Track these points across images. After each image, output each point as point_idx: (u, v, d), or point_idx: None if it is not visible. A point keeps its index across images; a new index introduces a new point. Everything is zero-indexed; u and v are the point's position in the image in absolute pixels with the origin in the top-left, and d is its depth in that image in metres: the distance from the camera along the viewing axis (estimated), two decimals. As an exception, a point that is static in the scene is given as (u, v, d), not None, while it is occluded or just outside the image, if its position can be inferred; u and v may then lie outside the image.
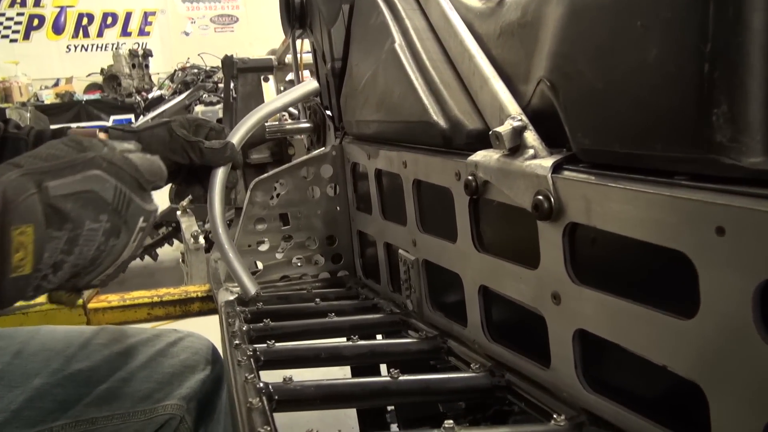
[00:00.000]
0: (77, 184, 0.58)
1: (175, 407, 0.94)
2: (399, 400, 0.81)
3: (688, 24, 0.43)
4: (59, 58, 8.17)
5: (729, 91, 0.41)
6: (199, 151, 0.97)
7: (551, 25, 0.61)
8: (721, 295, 0.40)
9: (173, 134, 0.96)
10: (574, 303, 0.56)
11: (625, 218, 0.48)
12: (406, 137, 0.94)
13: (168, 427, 0.94)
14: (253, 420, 0.55)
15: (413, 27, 1.01)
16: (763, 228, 0.37)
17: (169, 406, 0.94)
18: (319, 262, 1.28)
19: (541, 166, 0.59)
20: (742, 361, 0.39)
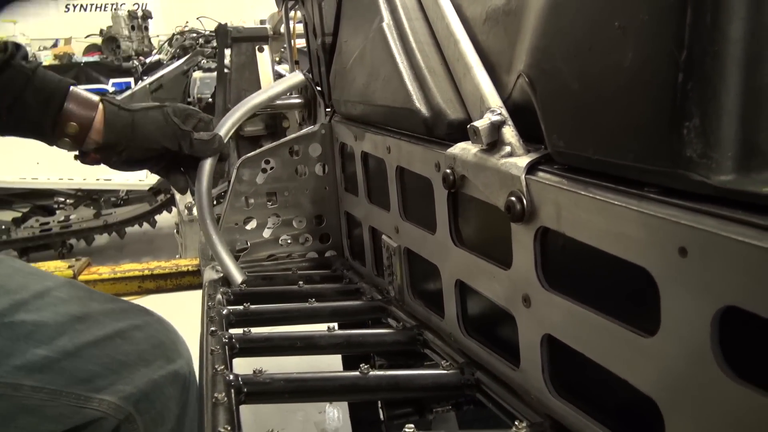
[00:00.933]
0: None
1: (112, 407, 0.84)
2: (368, 396, 0.81)
3: (664, 29, 0.41)
4: (58, 17, 8.05)
5: (702, 103, 0.39)
6: (189, 142, 0.99)
7: (533, 17, 0.58)
8: (681, 317, 0.39)
9: (168, 119, 0.97)
10: (543, 307, 0.55)
11: (592, 228, 0.47)
12: (390, 122, 0.92)
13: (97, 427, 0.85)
14: (217, 418, 0.54)
15: (402, 5, 0.98)
16: (726, 253, 0.35)
17: (105, 403, 0.84)
18: (307, 241, 1.27)
19: (516, 165, 0.57)
20: (697, 386, 0.38)
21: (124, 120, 0.94)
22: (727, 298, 0.36)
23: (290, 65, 1.66)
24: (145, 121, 0.96)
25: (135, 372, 0.86)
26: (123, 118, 0.95)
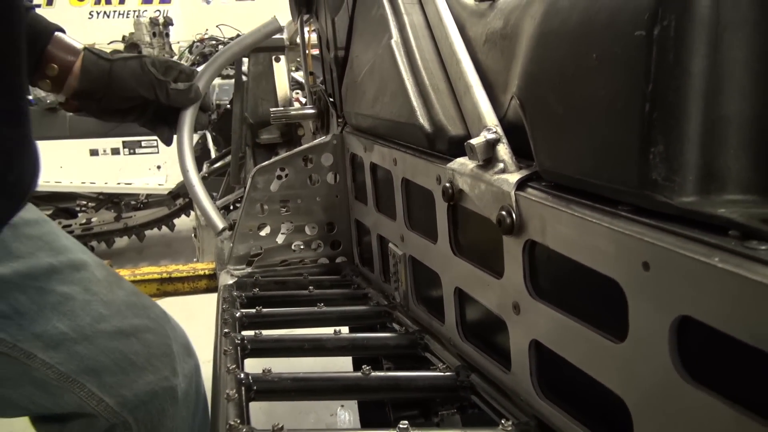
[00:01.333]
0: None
1: (108, 410, 0.83)
2: (369, 395, 0.85)
3: (633, 63, 0.45)
4: (81, 24, 8.23)
5: (666, 131, 0.43)
6: (165, 91, 1.01)
7: (525, 43, 0.63)
8: (645, 325, 0.43)
9: (144, 69, 1.00)
10: (531, 315, 0.59)
11: (571, 241, 0.51)
12: (397, 135, 0.96)
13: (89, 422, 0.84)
14: (228, 412, 0.59)
15: (410, 23, 1.02)
16: (683, 268, 0.39)
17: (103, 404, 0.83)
18: (319, 247, 1.32)
19: (507, 181, 0.61)
20: (659, 388, 0.42)
21: (101, 68, 0.96)
22: (682, 309, 0.39)
23: (305, 76, 1.71)
24: (123, 70, 0.97)
25: (141, 376, 0.86)
26: (101, 66, 0.96)
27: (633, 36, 0.44)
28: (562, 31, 0.54)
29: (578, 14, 0.51)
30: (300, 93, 2.49)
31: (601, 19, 0.48)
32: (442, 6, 0.95)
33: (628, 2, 0.45)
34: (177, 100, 1.03)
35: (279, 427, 0.56)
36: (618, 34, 0.46)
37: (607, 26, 0.47)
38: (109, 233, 4.24)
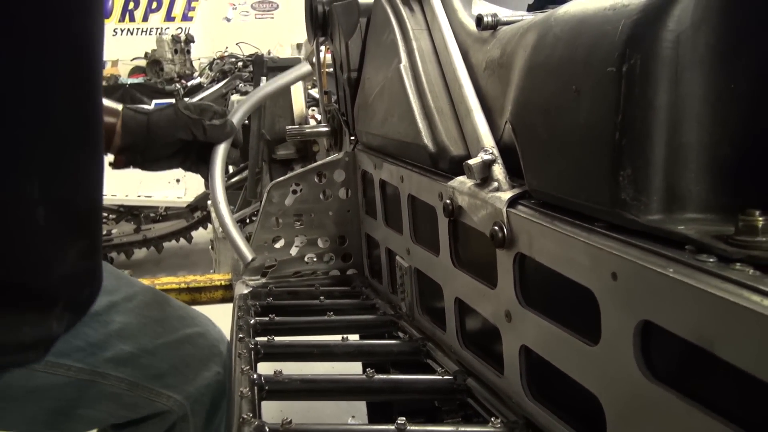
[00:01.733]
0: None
1: (176, 403, 0.96)
2: (372, 396, 0.90)
3: (605, 96, 0.50)
4: (106, 41, 8.44)
5: (633, 157, 0.48)
6: (201, 129, 1.10)
7: (517, 73, 0.68)
8: (614, 329, 0.48)
9: (179, 113, 1.08)
10: (521, 322, 0.64)
11: (553, 254, 0.56)
12: (403, 154, 1.02)
13: (163, 420, 0.96)
14: (241, 407, 0.65)
15: (418, 48, 1.08)
16: (645, 278, 0.44)
17: (172, 399, 0.95)
18: (331, 260, 1.38)
19: (500, 199, 0.67)
20: (626, 386, 0.47)
21: (140, 121, 1.04)
22: (644, 314, 0.45)
23: (320, 95, 1.79)
24: (159, 119, 1.06)
25: (197, 374, 0.98)
26: (139, 120, 1.05)
27: (605, 71, 0.50)
28: (547, 64, 0.60)
29: (561, 49, 0.57)
30: (316, 110, 2.57)
31: (579, 55, 0.54)
32: (448, 33, 1.01)
33: (602, 41, 0.51)
34: (213, 135, 1.11)
35: (288, 421, 0.61)
36: (593, 69, 0.51)
37: (584, 62, 0.53)
38: (128, 245, 4.34)
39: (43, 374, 0.86)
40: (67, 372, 0.88)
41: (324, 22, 1.56)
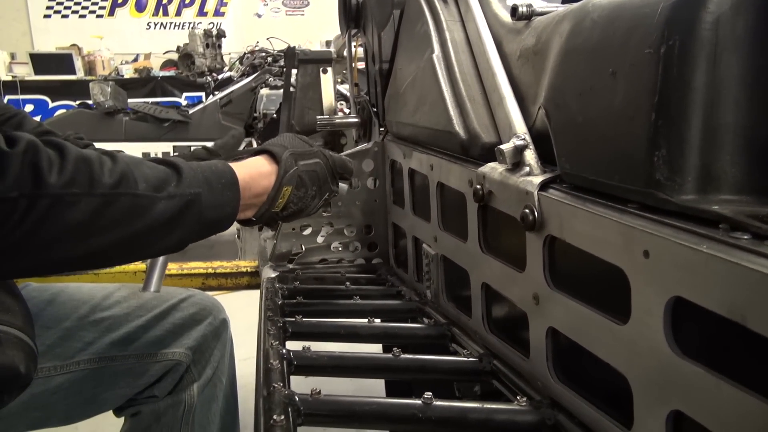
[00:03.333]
0: (311, 166, 0.90)
1: (182, 355, 1.09)
2: (398, 375, 0.91)
3: (643, 76, 0.51)
4: (140, 34, 8.61)
5: (668, 137, 0.49)
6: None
7: (552, 59, 0.69)
8: (644, 307, 0.48)
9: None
10: (549, 304, 0.65)
11: (584, 235, 0.57)
12: (434, 143, 1.03)
13: (175, 371, 1.10)
14: (270, 378, 0.67)
15: (451, 39, 1.09)
16: (676, 254, 0.45)
17: (177, 353, 1.08)
18: (357, 249, 1.39)
19: (532, 183, 0.67)
20: (655, 362, 0.47)
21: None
22: (675, 291, 0.45)
23: (350, 87, 1.80)
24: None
25: (191, 330, 1.11)
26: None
27: (643, 53, 0.50)
28: (584, 47, 0.60)
29: (598, 33, 0.58)
30: (344, 104, 2.59)
31: (617, 37, 0.54)
32: (482, 24, 1.01)
33: (640, 24, 0.51)
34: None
35: (317, 391, 0.63)
36: (630, 51, 0.52)
37: (622, 44, 0.53)
38: (156, 233, 4.40)
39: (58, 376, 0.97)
40: (78, 366, 0.99)
41: (357, 14, 1.58)
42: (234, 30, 8.58)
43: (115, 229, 0.65)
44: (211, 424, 1.17)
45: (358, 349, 0.90)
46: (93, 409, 1.09)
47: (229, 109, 4.22)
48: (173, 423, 1.13)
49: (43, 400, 0.98)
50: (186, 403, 1.13)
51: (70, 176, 0.61)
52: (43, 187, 0.59)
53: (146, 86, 6.78)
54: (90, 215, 0.62)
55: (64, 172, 0.61)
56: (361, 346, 1.00)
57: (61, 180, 0.61)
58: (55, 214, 0.60)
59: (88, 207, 0.62)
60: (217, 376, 1.18)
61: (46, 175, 0.60)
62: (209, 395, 1.16)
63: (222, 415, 1.19)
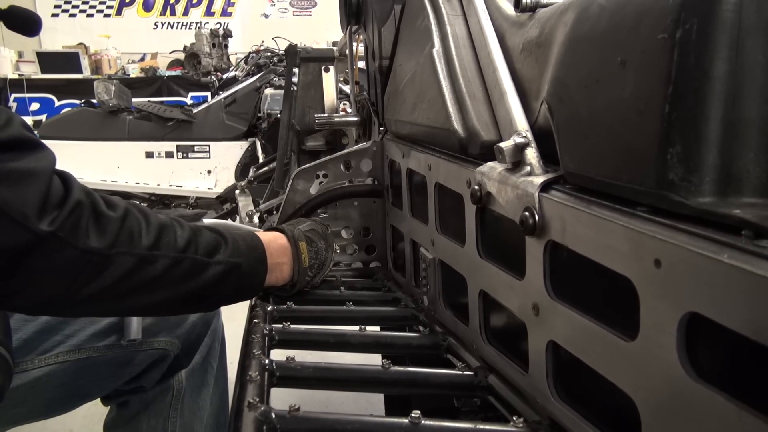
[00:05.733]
0: (308, 227, 1.06)
1: (169, 343, 1.08)
2: (387, 389, 0.86)
3: (656, 65, 0.45)
4: (147, 34, 8.60)
5: (684, 133, 0.43)
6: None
7: (556, 50, 0.64)
8: (655, 323, 0.43)
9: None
10: (549, 315, 0.60)
11: (588, 241, 0.51)
12: (432, 141, 0.98)
13: (162, 361, 1.08)
14: (246, 392, 0.62)
15: (452, 33, 1.04)
16: (692, 265, 0.40)
17: (164, 342, 1.07)
18: (354, 251, 1.34)
19: (532, 183, 0.62)
20: (666, 386, 0.42)
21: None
22: (691, 306, 0.40)
23: (351, 85, 1.76)
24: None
25: (179, 319, 1.11)
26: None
27: (656, 39, 0.45)
28: (590, 36, 0.55)
29: (606, 20, 0.53)
30: (347, 104, 2.55)
31: (627, 23, 0.49)
32: (484, 17, 0.96)
33: (653, 7, 0.46)
34: None
35: (296, 408, 0.58)
36: (642, 37, 0.47)
37: (632, 30, 0.48)
38: (158, 233, 4.37)
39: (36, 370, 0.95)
40: (57, 359, 0.97)
41: (358, 9, 1.54)
42: (241, 30, 8.57)
43: (176, 285, 0.75)
44: (202, 410, 1.17)
45: (351, 358, 0.85)
46: (76, 401, 1.06)
47: (233, 109, 4.18)
48: (162, 409, 1.13)
49: (21, 395, 0.94)
50: (174, 388, 1.13)
51: (154, 240, 0.73)
52: (134, 247, 0.70)
53: (152, 85, 6.77)
54: (161, 272, 0.73)
55: (149, 236, 0.72)
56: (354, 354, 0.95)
57: (148, 242, 0.72)
58: (137, 270, 0.71)
59: (162, 266, 0.73)
60: (207, 362, 1.19)
61: (137, 238, 0.71)
62: (199, 381, 1.17)
63: (213, 400, 1.20)
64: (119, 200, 0.73)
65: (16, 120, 0.65)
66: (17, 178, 0.62)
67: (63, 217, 0.64)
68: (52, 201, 0.64)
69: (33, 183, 0.63)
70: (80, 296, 0.68)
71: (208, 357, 1.20)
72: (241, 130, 4.18)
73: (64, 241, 0.64)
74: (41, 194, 0.63)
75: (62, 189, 0.66)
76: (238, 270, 0.83)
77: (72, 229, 0.64)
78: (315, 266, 1.03)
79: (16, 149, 0.63)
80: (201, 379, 1.18)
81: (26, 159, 0.63)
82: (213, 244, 0.80)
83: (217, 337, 1.23)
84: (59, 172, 0.68)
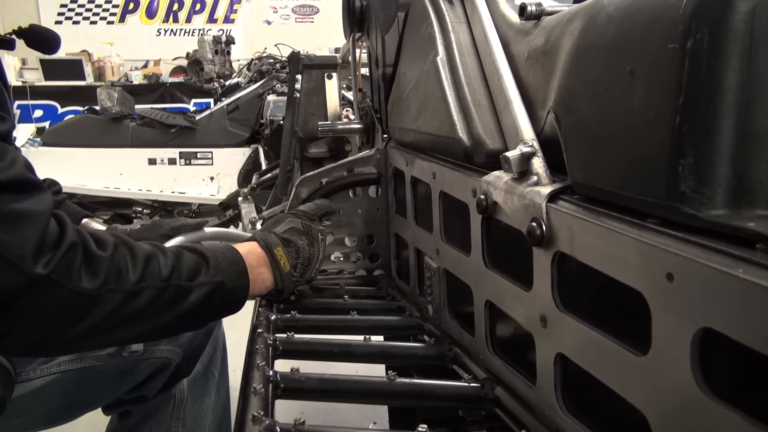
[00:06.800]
0: (285, 225, 1.03)
1: (171, 352, 1.08)
2: (393, 401, 0.85)
3: (666, 75, 0.45)
4: (150, 41, 8.62)
5: (695, 144, 0.43)
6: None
7: (563, 58, 0.63)
8: (668, 338, 0.42)
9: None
10: (557, 327, 0.59)
11: (598, 253, 0.51)
12: (436, 149, 0.98)
13: (164, 370, 1.09)
14: (249, 405, 0.61)
15: (457, 41, 1.04)
16: (706, 279, 0.39)
17: (166, 351, 1.08)
18: (358, 259, 1.33)
19: (539, 193, 0.61)
20: (679, 402, 0.41)
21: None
22: (704, 321, 0.39)
23: (354, 92, 1.75)
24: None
25: None
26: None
27: (667, 49, 0.45)
28: (598, 45, 0.55)
29: (614, 29, 0.52)
30: (350, 111, 2.55)
31: (636, 32, 0.49)
32: (488, 25, 0.96)
33: (663, 16, 0.46)
34: None
35: (301, 422, 0.57)
36: (651, 47, 0.46)
37: (641, 40, 0.48)
38: (161, 240, 4.37)
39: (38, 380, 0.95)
40: (59, 368, 0.97)
41: (361, 17, 1.53)
42: (244, 37, 8.58)
43: (161, 314, 0.76)
44: (204, 419, 1.17)
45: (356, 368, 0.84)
46: (78, 411, 1.06)
47: (235, 116, 4.18)
48: (164, 418, 1.12)
49: (23, 406, 0.94)
50: (176, 398, 1.13)
51: (141, 273, 0.74)
52: (122, 283, 0.71)
53: (155, 92, 6.77)
54: (148, 303, 0.74)
55: (136, 269, 0.73)
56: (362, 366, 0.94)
57: (135, 276, 0.73)
58: (124, 305, 0.71)
59: (148, 297, 0.74)
60: (209, 370, 1.18)
61: (124, 274, 0.72)
62: (201, 390, 1.16)
63: (215, 409, 1.20)
64: (108, 237, 0.73)
65: (20, 160, 0.66)
66: (17, 220, 0.63)
67: (57, 260, 0.65)
68: (48, 243, 0.65)
69: (32, 225, 0.64)
70: (70, 335, 0.69)
71: (209, 366, 1.20)
72: (244, 136, 4.18)
73: (57, 282, 0.65)
74: (39, 237, 0.64)
75: (57, 230, 0.67)
76: (222, 288, 0.83)
77: (65, 271, 0.65)
78: (299, 265, 1.01)
79: (18, 190, 0.64)
80: (203, 387, 1.18)
81: (26, 201, 0.64)
82: (195, 267, 0.81)
83: (218, 346, 1.22)
84: (54, 212, 0.68)
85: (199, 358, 1.17)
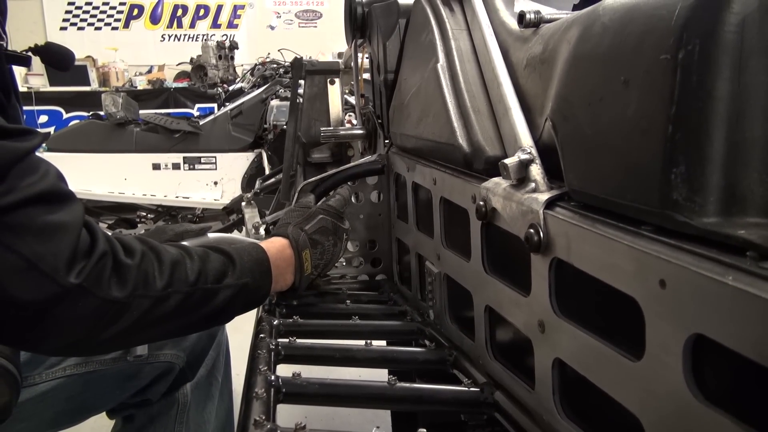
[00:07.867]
0: (316, 224, 1.04)
1: (174, 356, 1.10)
2: (393, 405, 0.86)
3: (658, 85, 0.46)
4: (154, 46, 8.67)
5: (687, 153, 0.43)
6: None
7: (560, 67, 0.64)
8: (661, 343, 0.43)
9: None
10: (555, 333, 0.60)
11: (594, 259, 0.51)
12: (437, 156, 0.99)
13: (168, 374, 1.10)
14: (251, 410, 0.62)
15: (457, 48, 1.05)
16: (697, 286, 0.40)
17: (170, 355, 1.09)
18: (360, 264, 1.34)
19: (537, 200, 0.62)
20: (673, 407, 0.42)
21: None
22: (696, 327, 0.40)
23: (356, 98, 1.76)
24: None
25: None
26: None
27: (659, 59, 0.45)
28: (593, 54, 0.55)
29: (609, 38, 0.53)
30: (352, 116, 2.56)
31: (630, 43, 0.49)
32: (488, 32, 0.97)
33: (656, 27, 0.46)
34: None
35: (302, 426, 0.58)
36: (644, 57, 0.47)
37: (635, 50, 0.48)
38: (165, 244, 4.38)
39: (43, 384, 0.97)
40: (65, 372, 0.99)
41: (363, 23, 1.55)
42: (247, 42, 8.62)
43: (188, 315, 0.78)
44: (207, 423, 1.18)
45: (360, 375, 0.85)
46: (83, 415, 1.07)
47: (239, 121, 4.20)
48: (167, 422, 1.14)
49: (28, 410, 0.96)
50: (179, 402, 1.15)
51: (168, 279, 0.75)
52: (150, 290, 0.73)
53: (159, 97, 6.81)
54: (175, 307, 0.75)
55: (163, 275, 0.74)
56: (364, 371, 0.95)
57: (162, 283, 0.74)
58: (152, 310, 0.73)
59: (175, 301, 0.75)
60: (212, 375, 1.20)
61: (152, 281, 0.73)
62: (204, 394, 1.18)
63: (219, 414, 1.21)
64: (136, 244, 0.75)
65: (52, 171, 0.67)
66: (51, 232, 0.64)
67: (89, 269, 0.66)
68: (81, 253, 0.66)
69: (65, 236, 0.65)
70: (100, 339, 0.71)
71: (213, 370, 1.21)
72: (248, 141, 4.19)
73: (89, 291, 0.66)
74: (72, 247, 0.65)
75: (89, 240, 0.68)
76: (246, 288, 0.85)
77: (96, 280, 0.67)
78: (320, 266, 1.03)
79: (52, 202, 0.65)
80: (206, 392, 1.19)
81: (60, 212, 0.65)
82: (221, 270, 0.82)
83: (221, 351, 1.24)
84: (85, 221, 0.69)
85: (202, 362, 1.18)
